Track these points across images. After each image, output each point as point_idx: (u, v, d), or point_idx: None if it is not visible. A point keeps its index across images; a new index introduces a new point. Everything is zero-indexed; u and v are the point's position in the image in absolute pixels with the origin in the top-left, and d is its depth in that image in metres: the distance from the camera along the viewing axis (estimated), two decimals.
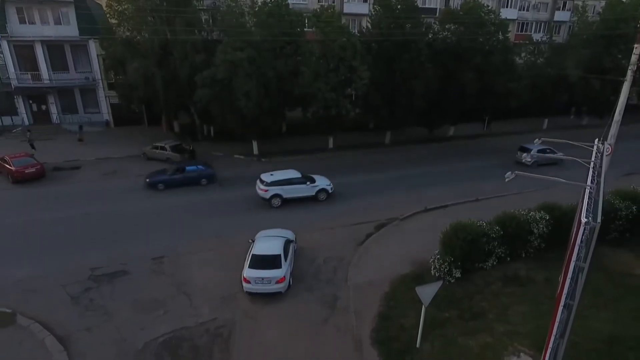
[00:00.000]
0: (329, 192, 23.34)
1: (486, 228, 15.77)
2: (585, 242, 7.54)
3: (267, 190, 22.14)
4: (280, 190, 22.28)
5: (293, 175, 22.94)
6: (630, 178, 27.20)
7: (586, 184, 9.30)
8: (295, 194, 22.63)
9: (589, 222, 7.45)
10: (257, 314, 13.85)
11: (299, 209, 22.15)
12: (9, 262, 16.45)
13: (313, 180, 23.21)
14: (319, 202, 22.93)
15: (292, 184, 22.59)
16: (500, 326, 13.00)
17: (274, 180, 22.34)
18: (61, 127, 37.22)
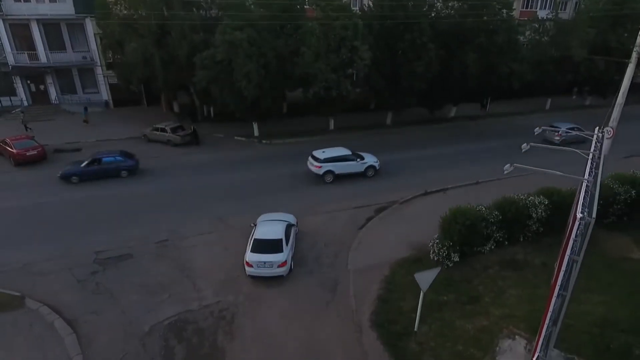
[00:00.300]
0: (377, 168, 24.24)
1: (485, 213, 15.96)
2: (579, 236, 7.67)
3: (321, 167, 23.05)
4: (332, 167, 23.26)
5: (343, 153, 23.90)
6: (631, 161, 27.25)
7: (583, 178, 9.36)
8: (346, 170, 23.62)
9: (584, 218, 7.56)
10: (259, 297, 14.20)
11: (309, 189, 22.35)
12: (16, 246, 16.74)
13: (362, 157, 24.14)
14: (326, 183, 23.25)
15: (344, 161, 23.58)
16: (496, 309, 13.35)
17: (327, 157, 23.25)
18: (60, 107, 37.03)
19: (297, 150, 28.81)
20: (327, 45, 26.96)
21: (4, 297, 13.60)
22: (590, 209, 7.91)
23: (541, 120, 37.14)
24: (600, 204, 17.51)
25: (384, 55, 29.13)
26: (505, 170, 10.80)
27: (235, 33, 24.58)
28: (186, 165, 25.82)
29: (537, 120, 37.46)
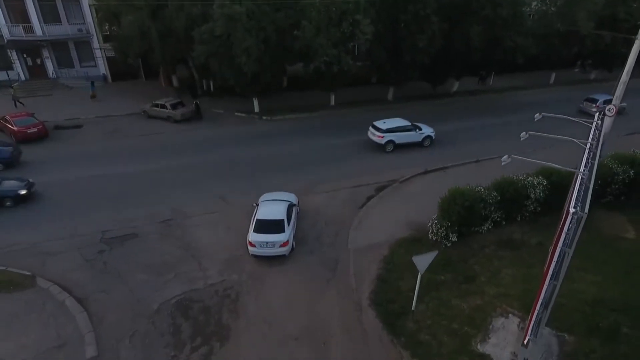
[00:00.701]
0: (433, 138, 25.47)
1: (484, 194, 16.17)
2: (572, 230, 7.88)
3: (383, 137, 24.37)
4: (394, 136, 24.52)
5: (403, 123, 25.09)
6: (633, 138, 27.24)
7: (578, 170, 9.47)
8: (406, 140, 24.88)
9: (576, 212, 7.75)
10: (262, 276, 14.65)
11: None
12: (23, 226, 17.09)
13: (420, 128, 25.36)
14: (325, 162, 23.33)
15: (404, 131, 24.75)
16: (491, 289, 13.80)
17: (388, 127, 24.49)
18: (58, 82, 36.64)
19: (297, 127, 28.86)
20: (328, 18, 26.34)
21: (16, 277, 14.05)
22: (583, 204, 8.08)
23: (545, 95, 37.10)
24: (599, 184, 17.89)
25: (386, 28, 28.48)
26: (503, 161, 10.96)
27: (234, 6, 24.00)
28: (187, 142, 25.84)
29: (540, 95, 37.32)
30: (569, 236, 7.78)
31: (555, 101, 35.49)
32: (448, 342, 11.84)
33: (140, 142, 25.87)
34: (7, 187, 18.58)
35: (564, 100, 35.83)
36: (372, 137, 24.78)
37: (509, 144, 23.19)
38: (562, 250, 7.81)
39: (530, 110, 33.59)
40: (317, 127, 28.64)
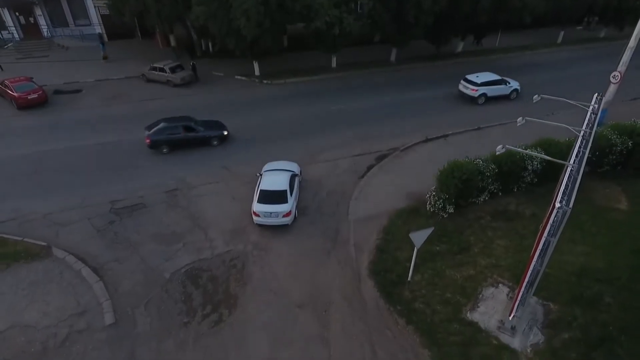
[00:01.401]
0: (519, 91, 27.04)
1: (481, 166, 16.49)
2: (556, 223, 8.29)
3: (477, 90, 26.04)
4: (486, 90, 26.24)
5: (494, 77, 26.80)
6: (636, 103, 27.10)
7: (568, 162, 9.70)
8: (497, 93, 26.61)
9: (562, 207, 8.13)
10: (266, 246, 15.37)
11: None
12: (34, 196, 17.63)
13: (508, 82, 26.96)
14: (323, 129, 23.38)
15: (495, 85, 26.47)
16: (483, 259, 14.53)
17: (482, 81, 26.22)
18: (54, 42, 35.81)
19: (299, 91, 28.64)
20: None
21: (33, 247, 14.78)
22: (569, 198, 8.43)
23: (552, 56, 36.29)
24: (596, 154, 18.15)
25: None
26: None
27: None
28: (187, 108, 25.51)
29: (547, 55, 36.51)
30: (554, 227, 8.23)
31: (564, 62, 34.88)
32: (441, 310, 12.71)
33: (141, 107, 25.80)
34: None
35: (573, 61, 35.24)
36: (465, 90, 26.45)
37: (518, 109, 23.65)
38: (547, 239, 8.29)
39: (538, 72, 33.41)
40: (319, 92, 28.38)
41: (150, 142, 20.58)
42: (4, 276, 13.65)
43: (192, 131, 21.04)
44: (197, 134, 21.12)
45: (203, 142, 21.29)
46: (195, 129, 21.10)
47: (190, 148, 21.19)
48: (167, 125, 20.84)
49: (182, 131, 20.89)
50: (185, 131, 20.95)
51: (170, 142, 20.80)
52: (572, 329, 12.12)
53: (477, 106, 26.33)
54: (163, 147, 20.81)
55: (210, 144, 21.42)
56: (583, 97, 26.96)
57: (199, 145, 21.28)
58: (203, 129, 21.34)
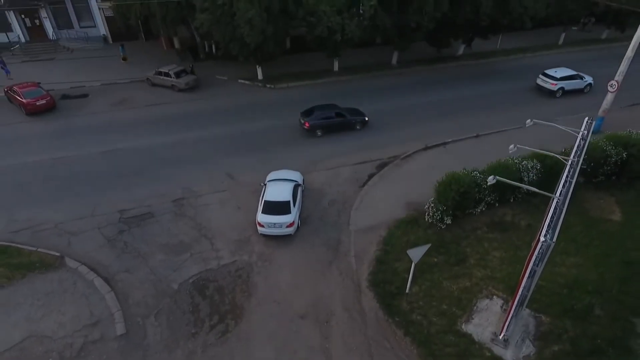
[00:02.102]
0: (592, 85, 29.18)
1: (478, 179, 16.98)
2: (540, 255, 8.80)
3: (556, 84, 28.25)
4: (564, 84, 28.56)
5: (571, 72, 29.04)
6: (633, 109, 27.42)
7: (553, 195, 10.13)
8: (573, 87, 28.98)
9: (546, 241, 8.63)
10: (270, 257, 15.98)
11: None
12: (46, 204, 18.23)
13: (583, 76, 29.11)
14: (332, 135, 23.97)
15: (572, 79, 28.84)
16: (479, 271, 15.10)
17: (561, 76, 28.49)
18: (59, 43, 36.23)
19: (301, 96, 28.98)
20: None
21: (47, 258, 15.42)
22: (553, 232, 8.92)
23: (553, 58, 36.44)
24: (591, 166, 18.60)
25: None
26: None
27: None
28: (192, 114, 26.23)
29: (549, 58, 36.63)
30: (539, 258, 8.76)
31: (565, 65, 34.75)
32: (437, 322, 13.32)
33: (146, 113, 26.28)
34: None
35: (574, 64, 35.20)
36: (544, 84, 28.63)
37: (516, 114, 24.16)
38: (532, 269, 8.83)
39: (529, 78, 33.29)
40: (321, 97, 28.64)
41: (309, 126, 23.57)
42: (20, 286, 14.31)
43: (342, 117, 24.00)
44: (344, 119, 24.04)
45: (349, 126, 24.34)
46: (344, 115, 24.05)
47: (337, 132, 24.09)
48: (321, 112, 23.94)
49: (334, 116, 23.85)
50: (337, 117, 23.92)
51: (324, 126, 23.78)
52: (563, 341, 12.72)
53: (477, 112, 26.59)
54: (318, 131, 23.76)
55: (354, 128, 24.45)
56: (584, 103, 27.68)
57: (346, 129, 24.41)
58: (349, 115, 24.26)
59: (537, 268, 8.90)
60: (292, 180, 18.23)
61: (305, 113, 24.10)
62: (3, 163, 21.05)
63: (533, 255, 8.92)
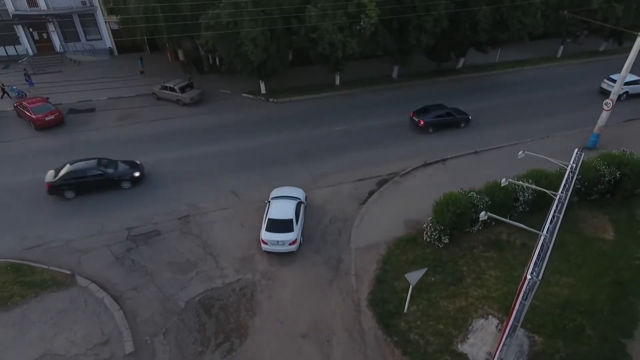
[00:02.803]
0: None
1: (475, 199, 17.53)
2: (528, 291, 9.31)
3: (622, 89, 27.77)
4: (629, 88, 30.76)
5: (635, 78, 30.95)
6: (629, 125, 27.95)
7: (540, 232, 10.64)
8: (637, 91, 31.40)
9: (532, 279, 9.16)
10: (273, 275, 16.54)
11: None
12: (56, 221, 18.88)
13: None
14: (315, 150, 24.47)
15: (636, 84, 31.27)
16: (475, 290, 15.64)
17: (627, 81, 29.06)
18: (65, 56, 36.97)
19: (304, 110, 29.68)
20: (334, 1, 26.28)
21: (59, 276, 16.02)
22: (539, 269, 9.43)
23: (552, 71, 37.00)
24: (585, 185, 19.10)
25: (392, 9, 28.25)
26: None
27: None
28: (197, 129, 26.84)
29: (547, 71, 37.19)
30: (526, 294, 9.29)
31: (563, 78, 35.58)
32: (434, 341, 13.86)
33: (152, 128, 26.90)
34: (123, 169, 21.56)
35: (572, 77, 35.92)
36: (609, 88, 28.47)
37: (520, 128, 24.76)
38: (521, 303, 9.37)
39: (536, 89, 34.05)
40: (323, 111, 29.39)
41: (424, 124, 26.43)
42: (34, 305, 14.91)
43: (450, 115, 26.86)
44: (453, 117, 26.87)
45: (456, 123, 27.10)
46: (452, 114, 26.81)
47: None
48: (434, 111, 26.89)
49: (444, 115, 26.80)
50: (446, 115, 26.81)
51: (435, 124, 26.76)
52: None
53: (476, 128, 27.19)
54: (430, 128, 26.56)
55: (459, 126, 27.15)
56: (579, 118, 27.97)
57: (452, 127, 27.07)
58: (456, 114, 27.07)
59: (526, 302, 9.42)
60: (295, 197, 18.81)
61: (419, 112, 26.90)
62: (14, 179, 21.69)
63: (521, 291, 9.45)
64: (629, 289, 15.78)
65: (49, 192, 20.15)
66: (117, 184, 20.91)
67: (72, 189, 20.24)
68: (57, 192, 20.20)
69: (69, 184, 20.10)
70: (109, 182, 20.68)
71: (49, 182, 20.05)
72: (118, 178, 20.89)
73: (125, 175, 21.07)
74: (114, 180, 20.79)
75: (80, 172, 20.32)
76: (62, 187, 20.09)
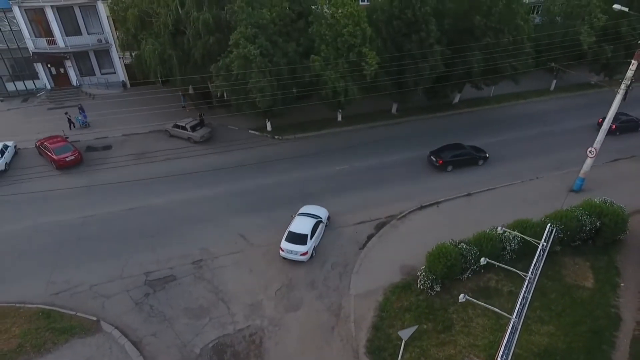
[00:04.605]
0: None
1: (464, 250, 19.13)
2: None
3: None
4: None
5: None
6: (616, 165, 29.49)
7: (511, 317, 12.20)
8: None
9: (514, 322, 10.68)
10: (280, 322, 18.13)
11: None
12: (81, 265, 20.53)
13: None
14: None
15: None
16: (463, 338, 17.20)
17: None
18: (81, 89, 38.93)
19: (308, 148, 31.42)
20: (336, 50, 28.11)
21: (85, 322, 17.66)
22: (508, 353, 10.98)
23: (544, 105, 38.68)
24: (567, 234, 20.64)
25: (391, 56, 30.07)
26: (460, 300, 13.63)
27: (249, 47, 25.83)
28: (207, 168, 28.55)
29: (540, 105, 38.87)
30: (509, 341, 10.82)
31: (555, 113, 37.24)
32: None
33: (165, 167, 28.60)
34: None
35: (563, 112, 37.57)
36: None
37: (513, 167, 27.56)
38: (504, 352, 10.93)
39: (528, 126, 35.63)
40: (325, 149, 31.10)
41: (442, 163, 28.42)
42: (64, 351, 16.54)
43: (468, 154, 29.01)
44: (471, 156, 29.05)
45: (474, 161, 29.22)
46: (469, 153, 29.04)
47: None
48: (451, 151, 28.84)
49: (462, 154, 28.75)
50: (464, 155, 28.79)
51: (454, 162, 28.61)
52: None
53: (473, 167, 28.84)
54: (449, 167, 28.61)
55: (477, 164, 29.36)
56: (570, 155, 29.25)
57: (470, 165, 29.21)
58: (474, 152, 29.20)
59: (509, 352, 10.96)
60: (316, 216, 22.22)
61: (436, 152, 29.00)
62: (39, 221, 23.41)
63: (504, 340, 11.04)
64: (604, 338, 17.34)
65: None
66: None
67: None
68: None
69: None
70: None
71: None
72: None
73: None
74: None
75: None
76: None
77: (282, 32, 28.74)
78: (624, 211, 21.33)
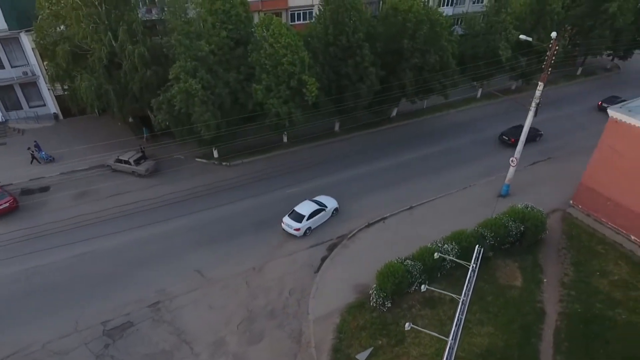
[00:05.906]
0: None
1: (410, 266, 20.89)
2: None
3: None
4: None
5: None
6: (536, 168, 32.96)
7: (448, 339, 13.87)
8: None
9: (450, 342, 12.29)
10: (244, 356, 18.73)
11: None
12: (30, 322, 19.81)
13: None
14: None
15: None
16: (414, 349, 18.86)
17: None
18: (8, 125, 36.63)
19: (256, 172, 31.97)
20: (277, 78, 29.01)
21: None
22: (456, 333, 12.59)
23: (473, 113, 42.13)
24: (497, 240, 23.06)
25: (330, 80, 31.54)
26: (406, 328, 14.36)
27: (190, 82, 26.02)
28: (155, 203, 28.13)
29: (469, 112, 42.32)
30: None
31: (482, 120, 40.66)
32: None
33: (110, 206, 27.74)
34: None
35: (491, 117, 41.17)
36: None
37: (448, 177, 29.72)
38: None
39: (459, 135, 38.26)
40: (273, 173, 31.86)
41: (514, 142, 31.69)
42: None
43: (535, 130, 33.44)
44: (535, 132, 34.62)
45: (533, 138, 34.26)
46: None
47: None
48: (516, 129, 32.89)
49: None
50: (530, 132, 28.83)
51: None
52: None
53: (415, 179, 31.00)
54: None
55: (535, 140, 35.69)
56: (498, 160, 32.03)
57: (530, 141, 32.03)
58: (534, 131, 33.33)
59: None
60: (322, 204, 26.22)
61: (506, 132, 35.77)
62: None
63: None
64: (531, 332, 19.78)
65: None
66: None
67: None
68: None
69: None
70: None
71: None
72: None
73: None
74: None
75: None
76: None
77: (222, 61, 29.10)
78: (542, 214, 24.25)
